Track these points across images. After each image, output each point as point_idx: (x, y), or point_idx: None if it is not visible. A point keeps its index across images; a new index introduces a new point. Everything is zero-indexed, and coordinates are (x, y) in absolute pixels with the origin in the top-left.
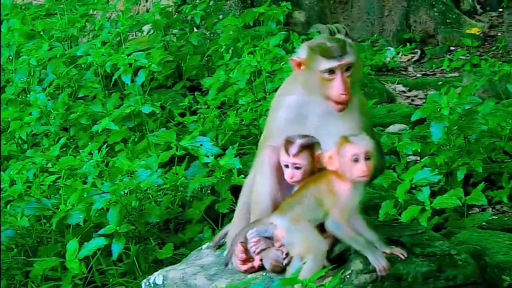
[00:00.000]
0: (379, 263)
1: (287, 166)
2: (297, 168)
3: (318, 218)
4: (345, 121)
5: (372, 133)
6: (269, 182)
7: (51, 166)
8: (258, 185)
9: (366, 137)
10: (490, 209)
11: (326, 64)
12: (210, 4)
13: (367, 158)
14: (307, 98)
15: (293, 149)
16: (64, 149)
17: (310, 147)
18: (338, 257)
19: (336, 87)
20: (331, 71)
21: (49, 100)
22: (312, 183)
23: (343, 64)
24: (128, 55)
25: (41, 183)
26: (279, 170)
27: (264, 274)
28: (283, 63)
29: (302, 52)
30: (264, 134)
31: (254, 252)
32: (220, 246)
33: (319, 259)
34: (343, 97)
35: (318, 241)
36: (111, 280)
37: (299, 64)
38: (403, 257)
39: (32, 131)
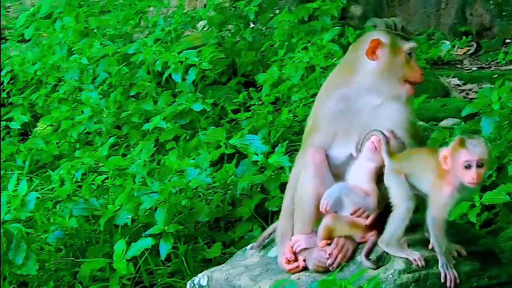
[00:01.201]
0: (449, 273)
1: (469, 166)
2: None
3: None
4: (393, 116)
5: (417, 128)
6: (313, 182)
7: (100, 166)
8: (303, 185)
9: (482, 142)
10: None
11: (409, 44)
12: None
13: (479, 165)
14: (362, 89)
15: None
16: (116, 147)
17: None
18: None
19: (416, 67)
20: (410, 53)
21: (101, 98)
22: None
23: (417, 46)
24: (179, 53)
25: (90, 183)
26: (323, 170)
27: (307, 274)
28: (335, 58)
29: (380, 36)
30: (310, 125)
31: (295, 250)
32: (264, 246)
33: (404, 218)
34: (422, 76)
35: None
36: (159, 280)
37: (376, 48)
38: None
39: (85, 129)
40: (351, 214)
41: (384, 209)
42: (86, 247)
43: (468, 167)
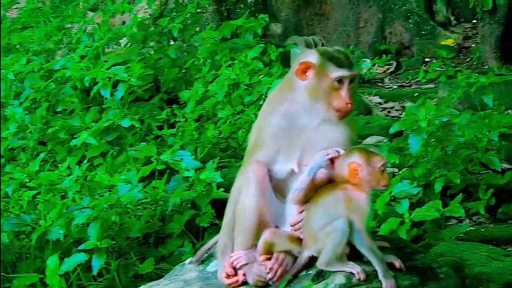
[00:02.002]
0: (388, 282)
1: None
2: None
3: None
4: (336, 133)
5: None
6: (254, 197)
7: (29, 181)
8: (244, 200)
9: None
10: (468, 220)
11: (338, 72)
12: (188, 16)
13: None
14: (301, 107)
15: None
16: (42, 163)
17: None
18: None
19: (343, 97)
20: (340, 80)
21: (26, 114)
22: (325, 194)
23: (352, 75)
24: (107, 69)
25: (20, 198)
26: (264, 185)
27: None
28: (262, 76)
29: (312, 57)
30: (254, 140)
31: (236, 266)
32: (203, 261)
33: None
34: (348, 106)
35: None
36: None
37: (306, 69)
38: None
39: (9, 145)
40: (291, 226)
41: None
42: (17, 263)
43: (383, 171)
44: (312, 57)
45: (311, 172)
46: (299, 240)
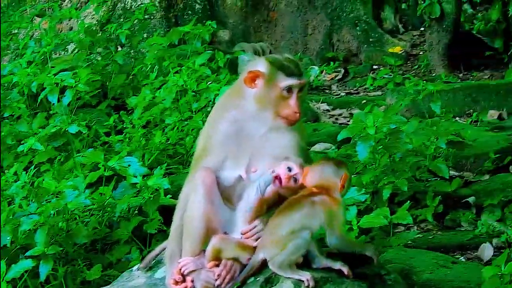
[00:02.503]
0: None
1: None
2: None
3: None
4: (284, 140)
5: (307, 152)
6: (202, 204)
7: None
8: (192, 207)
9: None
10: (415, 227)
11: (288, 81)
12: (135, 22)
13: None
14: (249, 114)
15: None
16: None
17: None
18: None
19: (292, 106)
20: (289, 89)
21: None
22: (296, 207)
23: (301, 84)
24: (54, 75)
25: None
26: (212, 192)
27: None
28: (210, 82)
29: (261, 66)
30: (202, 147)
31: (184, 273)
32: (151, 267)
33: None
34: (296, 115)
35: None
36: None
37: (255, 78)
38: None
39: None
40: (242, 234)
41: None
42: None
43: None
44: (261, 65)
45: (258, 191)
46: (247, 248)
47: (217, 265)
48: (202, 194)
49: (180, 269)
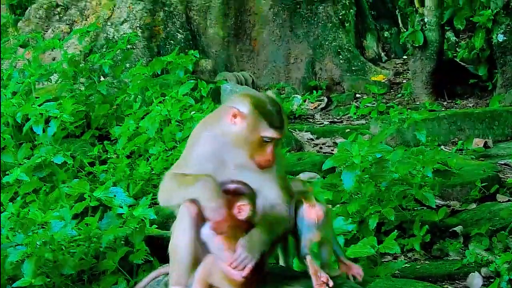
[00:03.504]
0: None
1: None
2: None
3: None
4: (260, 173)
5: (286, 181)
6: (188, 234)
7: None
8: (178, 237)
9: None
10: (403, 257)
11: (269, 132)
12: (118, 53)
13: None
14: (226, 143)
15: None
16: None
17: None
18: None
19: (266, 155)
20: (269, 139)
21: None
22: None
23: (282, 136)
24: (39, 105)
25: None
26: (197, 221)
27: None
28: (193, 112)
29: (243, 107)
30: (178, 163)
31: None
32: None
33: None
34: (269, 163)
35: None
36: None
37: (235, 116)
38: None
39: None
40: (229, 266)
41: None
42: None
43: None
44: (244, 106)
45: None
46: (233, 282)
47: None
48: (188, 224)
49: None
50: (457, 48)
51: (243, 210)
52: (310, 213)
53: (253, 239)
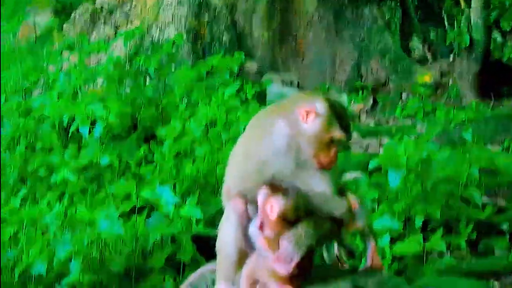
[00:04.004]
0: None
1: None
2: None
3: None
4: (319, 172)
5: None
6: (234, 232)
7: (9, 217)
8: (225, 234)
9: None
10: (448, 254)
11: (340, 133)
12: (163, 55)
13: None
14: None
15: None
16: (22, 200)
17: None
18: None
19: (331, 156)
20: (337, 141)
21: (5, 152)
22: None
23: (348, 139)
24: (85, 107)
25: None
26: (244, 219)
27: None
28: (239, 113)
29: (319, 106)
30: (246, 148)
31: None
32: None
33: None
34: (329, 165)
35: None
36: None
37: (309, 114)
38: None
39: None
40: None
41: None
42: None
43: None
44: (319, 105)
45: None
46: (278, 278)
47: None
48: (234, 221)
49: None
50: (503, 49)
51: (273, 208)
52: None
53: (299, 233)
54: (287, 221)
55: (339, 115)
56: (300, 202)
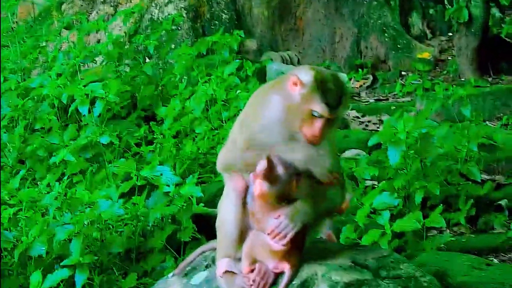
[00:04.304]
0: None
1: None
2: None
3: None
4: (311, 147)
5: (337, 158)
6: (235, 209)
7: (9, 199)
8: (224, 211)
9: None
10: (448, 231)
11: (320, 108)
12: (163, 34)
13: None
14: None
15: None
16: (21, 181)
17: None
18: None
19: (314, 130)
20: (319, 115)
21: (4, 133)
22: None
23: (331, 116)
24: (84, 86)
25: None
26: (244, 196)
27: None
28: (239, 91)
29: (306, 77)
30: (244, 125)
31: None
32: (186, 274)
33: None
34: (314, 139)
35: None
36: None
37: (295, 84)
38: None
39: None
40: (268, 234)
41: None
42: None
43: None
44: (305, 76)
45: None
46: (274, 253)
47: (252, 271)
48: (234, 199)
49: None
50: (502, 24)
51: (256, 189)
52: None
53: (296, 209)
54: (269, 203)
55: (324, 88)
56: (288, 189)
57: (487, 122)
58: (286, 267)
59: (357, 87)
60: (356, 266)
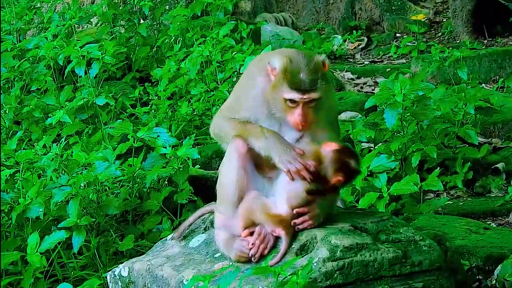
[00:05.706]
0: None
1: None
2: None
3: None
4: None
5: (336, 125)
6: (236, 171)
7: (5, 160)
8: (226, 174)
9: None
10: (445, 194)
11: (291, 95)
12: None
13: None
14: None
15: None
16: (18, 142)
17: None
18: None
19: (295, 117)
20: (293, 101)
21: (0, 94)
22: None
23: (305, 99)
24: (80, 47)
25: None
26: (246, 160)
27: (230, 264)
28: (234, 53)
29: (277, 63)
30: (231, 103)
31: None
32: (185, 237)
33: None
34: (299, 127)
35: None
36: (72, 273)
37: (272, 71)
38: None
39: None
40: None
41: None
42: None
43: None
44: (276, 62)
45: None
46: (274, 217)
47: (251, 234)
48: (236, 161)
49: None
50: None
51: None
52: None
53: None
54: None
55: (292, 74)
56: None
57: (483, 85)
58: (282, 233)
59: (351, 49)
60: (356, 229)
